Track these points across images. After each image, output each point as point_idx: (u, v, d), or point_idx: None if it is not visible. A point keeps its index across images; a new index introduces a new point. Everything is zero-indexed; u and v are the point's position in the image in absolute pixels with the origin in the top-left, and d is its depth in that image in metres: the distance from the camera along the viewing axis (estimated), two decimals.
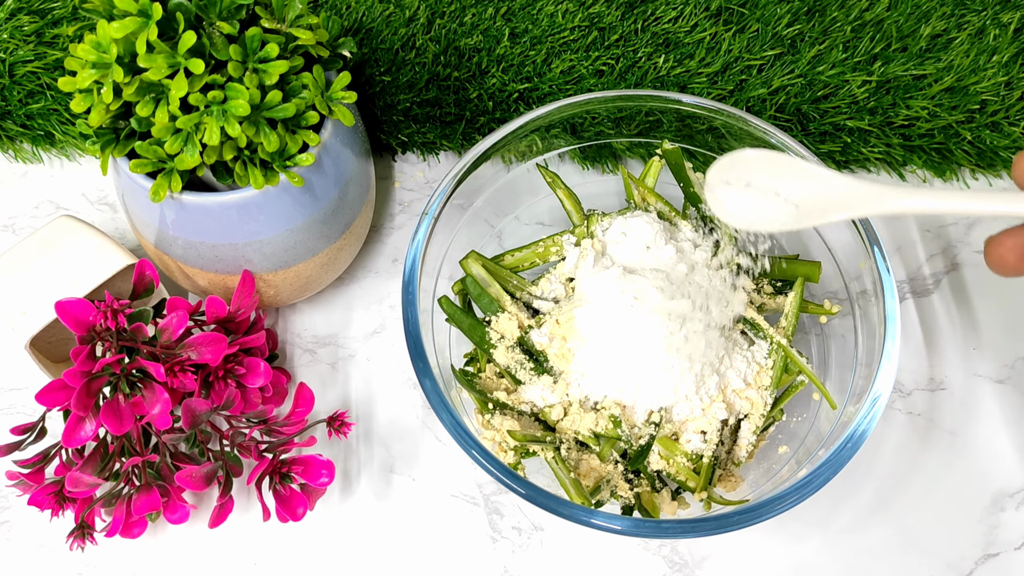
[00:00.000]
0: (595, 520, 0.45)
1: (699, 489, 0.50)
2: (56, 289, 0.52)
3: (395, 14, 0.65)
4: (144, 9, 0.43)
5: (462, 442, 0.47)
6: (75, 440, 0.47)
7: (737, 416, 0.52)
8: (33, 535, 0.54)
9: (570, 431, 0.51)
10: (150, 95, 0.45)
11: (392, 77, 0.63)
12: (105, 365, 0.47)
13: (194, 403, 0.48)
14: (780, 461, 0.52)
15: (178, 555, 0.54)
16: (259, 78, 0.46)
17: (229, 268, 0.52)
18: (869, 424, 0.47)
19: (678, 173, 0.56)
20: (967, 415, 0.58)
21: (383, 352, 0.60)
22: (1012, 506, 0.55)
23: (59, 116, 0.64)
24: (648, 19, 0.65)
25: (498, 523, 0.55)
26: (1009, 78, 0.63)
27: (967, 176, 0.66)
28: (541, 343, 0.52)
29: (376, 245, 0.64)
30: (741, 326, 0.53)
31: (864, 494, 0.55)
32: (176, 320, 0.49)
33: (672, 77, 0.63)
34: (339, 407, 0.58)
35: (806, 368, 0.52)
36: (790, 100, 0.63)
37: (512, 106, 0.64)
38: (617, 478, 0.51)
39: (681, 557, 0.54)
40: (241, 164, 0.47)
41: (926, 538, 0.54)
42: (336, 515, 0.55)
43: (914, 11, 0.65)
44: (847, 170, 0.66)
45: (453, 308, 0.53)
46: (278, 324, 0.61)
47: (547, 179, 0.56)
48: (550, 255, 0.56)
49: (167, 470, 0.50)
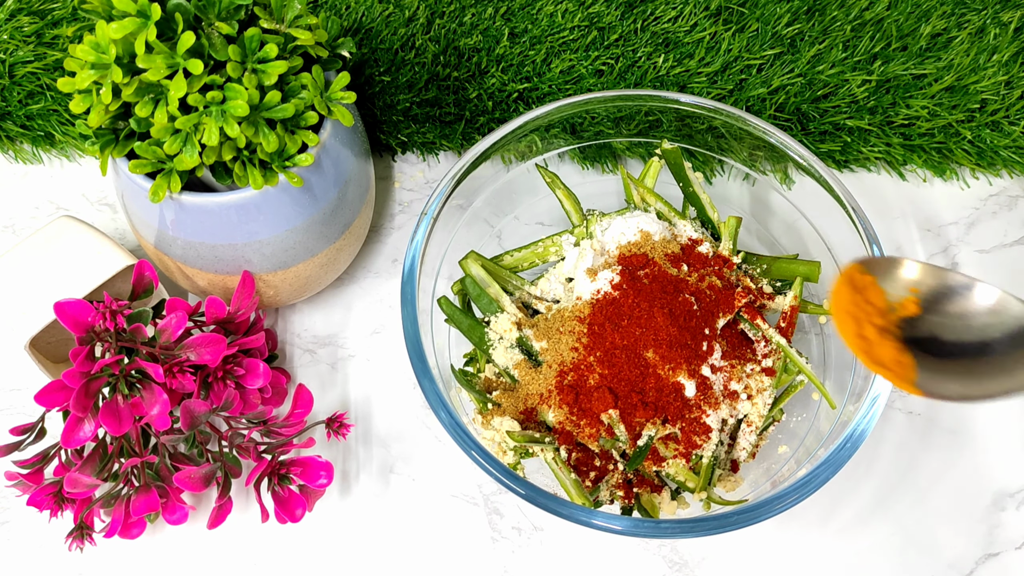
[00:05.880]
0: (595, 520, 0.45)
1: (699, 489, 0.50)
2: (56, 289, 0.52)
3: (395, 14, 0.65)
4: (143, 10, 0.43)
5: (461, 442, 0.47)
6: (74, 441, 0.47)
7: (737, 416, 0.52)
8: (32, 535, 0.54)
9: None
10: (149, 96, 0.45)
11: (392, 77, 0.63)
12: (104, 366, 0.47)
13: (193, 404, 0.48)
14: (780, 461, 0.52)
15: (177, 556, 0.54)
16: (258, 78, 0.46)
17: (228, 268, 0.52)
18: (868, 424, 0.47)
19: (677, 173, 0.56)
20: (967, 415, 0.58)
21: (383, 352, 0.60)
22: (1012, 506, 0.55)
23: (59, 117, 0.64)
24: (648, 19, 0.65)
25: (498, 523, 0.55)
26: (1009, 77, 0.63)
27: (967, 175, 0.65)
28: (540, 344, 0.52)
29: (376, 245, 0.64)
30: (741, 326, 0.53)
31: (864, 494, 0.55)
32: (175, 321, 0.49)
33: (672, 77, 0.63)
34: (338, 407, 0.58)
35: (806, 368, 0.52)
36: (790, 99, 0.63)
37: (512, 106, 0.64)
38: (617, 478, 0.51)
39: (681, 557, 0.54)
40: (240, 164, 0.47)
41: (926, 538, 0.54)
42: (335, 515, 0.55)
43: (914, 10, 0.65)
44: (847, 170, 0.66)
45: (452, 308, 0.53)
46: (277, 324, 0.61)
47: (546, 179, 0.56)
48: (549, 255, 0.56)
49: (166, 471, 0.50)
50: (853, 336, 0.42)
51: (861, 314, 0.42)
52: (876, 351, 0.42)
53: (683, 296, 0.50)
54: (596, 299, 0.51)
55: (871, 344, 0.42)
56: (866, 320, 0.42)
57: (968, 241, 0.63)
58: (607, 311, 0.50)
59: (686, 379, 0.49)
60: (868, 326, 0.42)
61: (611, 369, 0.49)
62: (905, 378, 0.41)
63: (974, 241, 0.63)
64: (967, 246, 0.63)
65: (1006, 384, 0.40)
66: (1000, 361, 0.40)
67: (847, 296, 0.43)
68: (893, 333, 0.42)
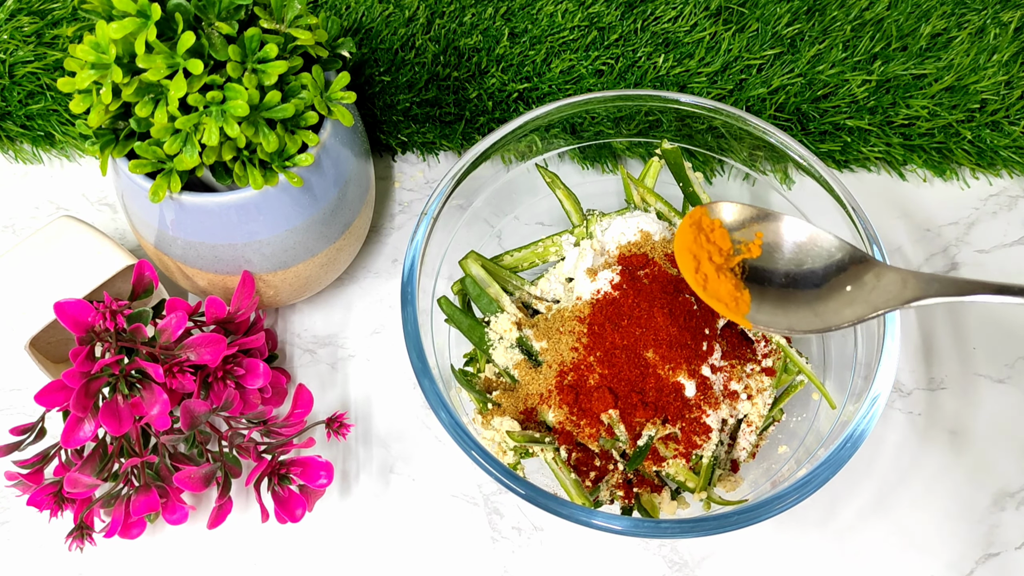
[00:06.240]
0: (595, 520, 0.45)
1: (699, 489, 0.50)
2: (56, 289, 0.52)
3: (395, 14, 0.65)
4: (143, 10, 0.43)
5: (461, 442, 0.47)
6: (74, 441, 0.47)
7: (737, 416, 0.52)
8: (32, 535, 0.54)
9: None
10: (149, 96, 0.45)
11: (392, 77, 0.63)
12: (104, 366, 0.47)
13: (193, 404, 0.48)
14: (780, 461, 0.52)
15: (177, 556, 0.54)
16: (258, 78, 0.46)
17: (228, 268, 0.52)
18: (868, 424, 0.47)
19: (677, 173, 0.56)
20: (967, 415, 0.58)
21: (383, 352, 0.60)
22: (1012, 506, 0.55)
23: (59, 117, 0.64)
24: (648, 19, 0.65)
25: (498, 523, 0.55)
26: (1009, 77, 0.63)
27: (967, 175, 0.65)
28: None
29: (376, 245, 0.64)
30: (741, 326, 0.53)
31: (864, 494, 0.55)
32: (175, 321, 0.49)
33: (672, 77, 0.63)
34: (338, 407, 0.58)
35: (806, 368, 0.52)
36: (790, 99, 0.63)
37: (512, 106, 0.64)
38: (617, 478, 0.51)
39: (681, 557, 0.54)
40: (240, 164, 0.47)
41: (926, 538, 0.54)
42: (335, 515, 0.55)
43: (914, 10, 0.65)
44: (847, 170, 0.66)
45: (452, 308, 0.53)
46: (277, 324, 0.61)
47: (546, 179, 0.56)
48: (549, 255, 0.56)
49: (166, 471, 0.50)
50: (691, 272, 0.48)
51: (702, 253, 0.48)
52: (712, 286, 0.48)
53: (683, 296, 0.50)
54: (596, 299, 0.51)
55: (708, 280, 0.48)
56: (705, 259, 0.47)
57: (968, 241, 0.63)
58: (607, 311, 0.50)
59: (686, 379, 0.49)
60: (707, 263, 0.48)
61: (611, 369, 0.49)
62: (738, 312, 0.48)
63: (974, 241, 0.63)
64: (967, 246, 0.63)
65: (826, 317, 0.46)
66: (823, 295, 0.47)
67: (690, 236, 0.49)
68: (734, 271, 0.48)
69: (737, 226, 0.49)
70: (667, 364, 0.49)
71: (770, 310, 0.47)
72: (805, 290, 0.48)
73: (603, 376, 0.49)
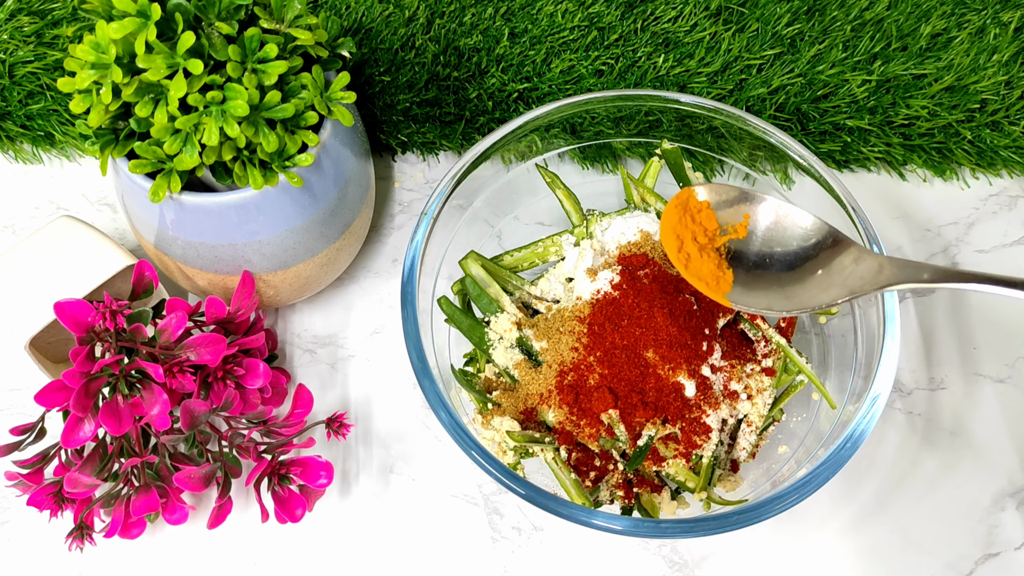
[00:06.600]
0: (595, 520, 0.45)
1: (699, 489, 0.50)
2: (56, 289, 0.52)
3: (395, 14, 0.65)
4: (143, 10, 0.43)
5: (461, 442, 0.47)
6: (74, 441, 0.47)
7: (737, 416, 0.52)
8: (32, 535, 0.54)
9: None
10: (149, 95, 0.45)
11: (392, 77, 0.63)
12: (104, 366, 0.47)
13: (193, 404, 0.48)
14: (780, 461, 0.52)
15: (177, 556, 0.54)
16: (258, 78, 0.46)
17: (228, 268, 0.52)
18: (868, 424, 0.47)
19: (677, 173, 0.56)
20: (967, 415, 0.58)
21: (383, 352, 0.60)
22: (1012, 506, 0.55)
23: (59, 117, 0.64)
24: (648, 19, 0.65)
25: (498, 523, 0.55)
26: (1009, 77, 0.63)
27: (967, 175, 0.65)
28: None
29: (376, 245, 0.64)
30: (741, 326, 0.53)
31: (864, 494, 0.55)
32: (175, 321, 0.49)
33: (672, 77, 0.63)
34: (338, 407, 0.58)
35: (806, 368, 0.52)
36: (790, 99, 0.63)
37: (512, 106, 0.64)
38: (617, 478, 0.51)
39: (681, 557, 0.54)
40: (240, 164, 0.47)
41: (926, 538, 0.54)
42: (335, 515, 0.55)
43: (914, 10, 0.65)
44: (847, 170, 0.66)
45: (452, 308, 0.53)
46: (277, 324, 0.61)
47: (546, 179, 0.56)
48: (549, 255, 0.56)
49: (166, 471, 0.50)
50: (674, 251, 0.49)
51: (686, 233, 0.49)
52: (694, 266, 0.49)
53: (683, 296, 0.50)
54: (596, 299, 0.51)
55: (690, 259, 0.49)
56: (689, 239, 0.49)
57: (968, 241, 0.63)
58: (607, 311, 0.50)
59: (686, 379, 0.49)
60: (690, 243, 0.49)
61: (611, 369, 0.49)
62: (719, 291, 0.49)
63: (974, 241, 0.63)
64: (967, 246, 0.63)
65: (803, 299, 0.47)
66: (801, 276, 0.48)
67: (675, 217, 0.50)
68: (719, 252, 0.50)
69: (725, 207, 0.50)
70: (667, 364, 0.49)
71: (750, 291, 0.48)
72: (785, 272, 0.49)
73: (603, 376, 0.49)
